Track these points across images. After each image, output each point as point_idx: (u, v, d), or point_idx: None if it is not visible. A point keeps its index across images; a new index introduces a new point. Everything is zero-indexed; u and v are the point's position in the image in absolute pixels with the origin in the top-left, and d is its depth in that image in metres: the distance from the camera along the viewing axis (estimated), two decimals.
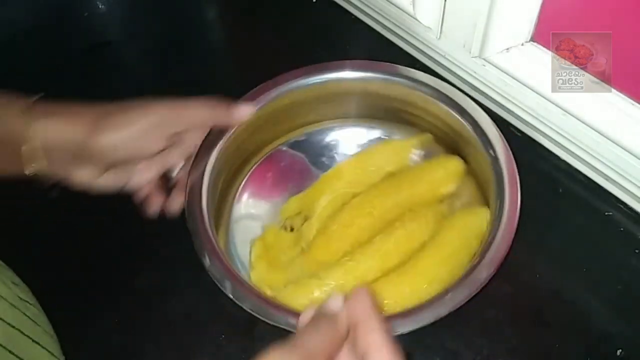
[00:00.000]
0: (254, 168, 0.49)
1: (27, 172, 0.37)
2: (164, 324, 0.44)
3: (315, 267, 0.43)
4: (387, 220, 0.45)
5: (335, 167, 0.49)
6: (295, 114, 0.49)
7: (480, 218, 0.43)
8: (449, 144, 0.48)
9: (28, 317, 0.36)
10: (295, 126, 0.50)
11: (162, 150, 0.40)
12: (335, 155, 0.51)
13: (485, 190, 0.44)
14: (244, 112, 0.43)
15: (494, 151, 0.42)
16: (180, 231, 0.40)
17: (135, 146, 0.38)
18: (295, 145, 0.51)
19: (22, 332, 0.34)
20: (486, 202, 0.44)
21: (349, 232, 0.44)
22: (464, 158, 0.46)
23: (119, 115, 0.37)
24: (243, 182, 0.49)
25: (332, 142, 0.51)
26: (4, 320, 0.33)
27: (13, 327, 0.34)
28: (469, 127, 0.44)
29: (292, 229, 0.47)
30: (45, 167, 0.37)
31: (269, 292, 0.41)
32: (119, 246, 0.49)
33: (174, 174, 0.44)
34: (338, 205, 0.46)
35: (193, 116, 0.40)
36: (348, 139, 0.51)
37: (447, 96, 0.45)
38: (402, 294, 0.40)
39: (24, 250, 0.47)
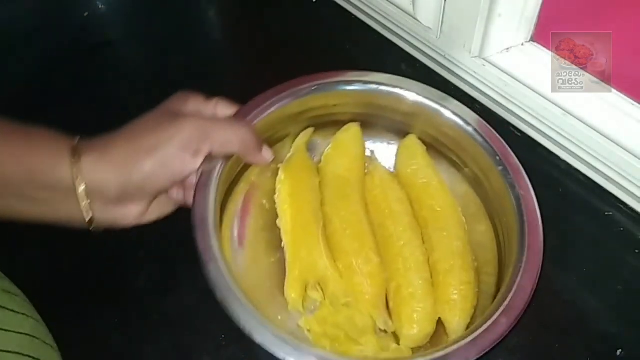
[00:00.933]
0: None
1: (85, 215, 0.36)
2: (164, 324, 0.44)
3: (375, 305, 0.40)
4: (371, 212, 0.45)
5: (286, 220, 0.43)
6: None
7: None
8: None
9: (25, 334, 0.36)
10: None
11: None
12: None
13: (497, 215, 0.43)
14: (267, 157, 0.41)
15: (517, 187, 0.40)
16: (181, 231, 0.40)
17: (169, 170, 0.36)
18: None
19: (21, 354, 0.34)
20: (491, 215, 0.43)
21: (369, 252, 0.42)
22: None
23: (147, 141, 0.36)
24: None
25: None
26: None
27: (9, 352, 0.33)
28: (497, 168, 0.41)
29: (315, 307, 0.41)
30: (94, 209, 0.36)
31: None
32: (118, 246, 0.48)
33: None
34: (330, 245, 0.42)
35: (220, 141, 0.38)
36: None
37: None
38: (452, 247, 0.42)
39: (21, 250, 0.47)
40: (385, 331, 0.40)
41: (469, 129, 0.43)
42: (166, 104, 0.39)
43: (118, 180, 0.35)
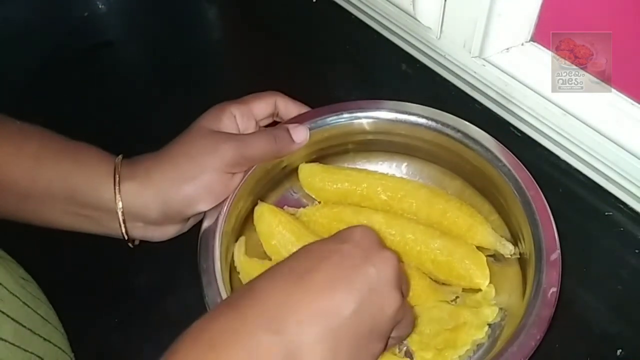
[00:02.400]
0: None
1: (123, 234, 0.39)
2: (164, 323, 0.44)
3: (434, 290, 0.42)
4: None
5: None
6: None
7: None
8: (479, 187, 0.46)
9: (40, 315, 0.36)
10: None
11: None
12: None
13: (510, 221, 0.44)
14: (302, 137, 0.43)
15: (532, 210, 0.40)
16: None
17: (211, 195, 0.39)
18: None
19: (33, 332, 0.34)
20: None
21: None
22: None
23: (188, 168, 0.37)
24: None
25: None
26: (15, 321, 0.33)
27: (24, 326, 0.34)
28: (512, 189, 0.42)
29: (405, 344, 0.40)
30: (133, 229, 0.39)
31: None
32: (119, 245, 0.48)
33: None
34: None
35: (258, 154, 0.40)
36: None
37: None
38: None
39: (23, 249, 0.47)
40: (457, 298, 0.42)
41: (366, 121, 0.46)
42: (201, 121, 0.40)
43: (159, 206, 0.37)
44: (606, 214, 0.48)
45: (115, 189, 0.37)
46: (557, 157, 0.51)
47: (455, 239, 0.43)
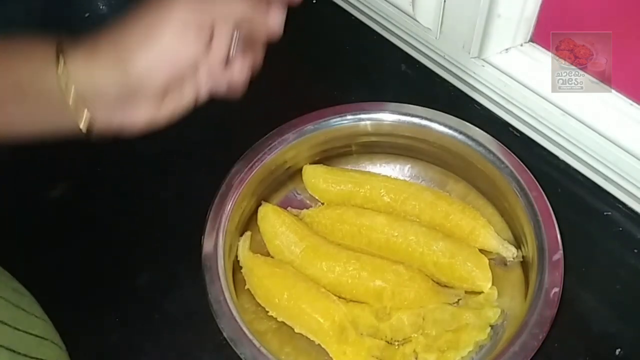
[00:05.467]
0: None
1: (82, 126, 0.32)
2: (164, 323, 0.44)
3: (436, 291, 0.42)
4: (353, 243, 0.45)
5: (304, 323, 0.41)
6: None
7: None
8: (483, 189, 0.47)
9: (34, 335, 0.36)
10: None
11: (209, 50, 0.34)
12: None
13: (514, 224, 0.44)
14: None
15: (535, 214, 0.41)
16: (182, 230, 0.40)
17: (171, 59, 0.32)
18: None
19: (28, 356, 0.34)
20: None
21: (392, 268, 0.42)
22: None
23: (138, 31, 0.32)
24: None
25: None
26: (9, 349, 0.33)
27: (19, 353, 0.33)
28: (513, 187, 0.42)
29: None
30: (96, 116, 0.32)
31: None
32: (119, 245, 0.49)
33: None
34: (362, 296, 0.42)
35: (223, 12, 0.33)
36: None
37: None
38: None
39: (24, 249, 0.47)
40: (459, 300, 0.42)
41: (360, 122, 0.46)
42: None
43: (114, 78, 0.31)
44: (605, 214, 0.48)
45: (59, 69, 0.31)
46: (556, 157, 0.51)
47: (458, 242, 0.43)
